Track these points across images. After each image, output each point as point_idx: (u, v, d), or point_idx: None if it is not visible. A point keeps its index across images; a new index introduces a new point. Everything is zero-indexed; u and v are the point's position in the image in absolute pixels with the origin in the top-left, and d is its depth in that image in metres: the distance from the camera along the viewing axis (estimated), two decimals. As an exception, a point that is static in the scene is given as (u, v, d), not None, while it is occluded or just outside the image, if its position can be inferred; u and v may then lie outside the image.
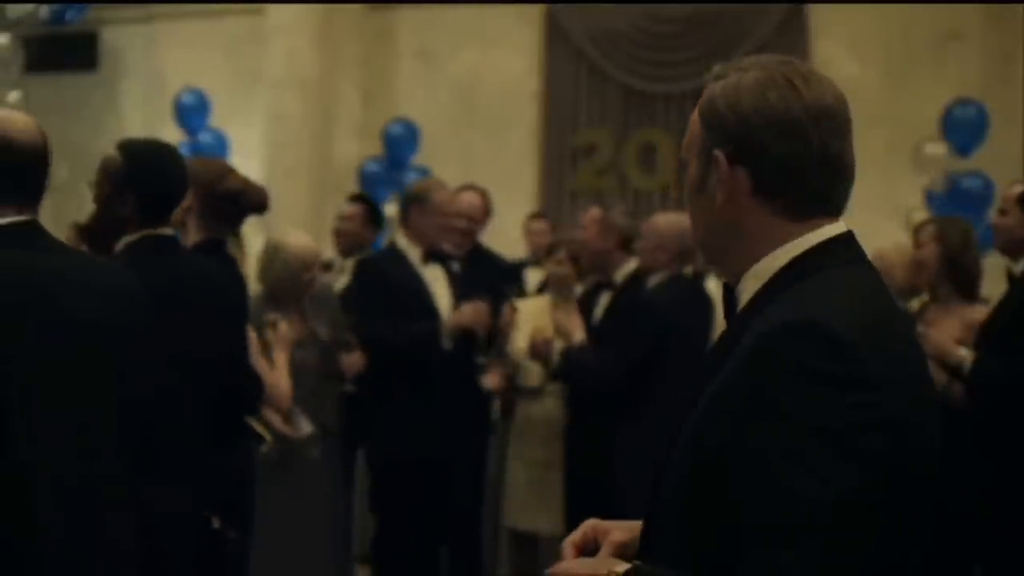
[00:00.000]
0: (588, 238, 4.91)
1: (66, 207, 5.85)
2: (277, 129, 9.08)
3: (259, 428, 3.67)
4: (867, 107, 8.34)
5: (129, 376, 2.37)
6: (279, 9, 9.06)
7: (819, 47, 8.81)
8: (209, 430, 2.97)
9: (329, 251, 6.10)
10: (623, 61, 9.21)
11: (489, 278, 5.20)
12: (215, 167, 3.49)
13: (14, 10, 8.61)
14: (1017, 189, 4.00)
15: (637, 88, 9.23)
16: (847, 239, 1.55)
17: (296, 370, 4.40)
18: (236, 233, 4.32)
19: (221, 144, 9.46)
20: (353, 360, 4.69)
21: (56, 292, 2.28)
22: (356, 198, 6.24)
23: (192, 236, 3.40)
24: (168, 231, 2.99)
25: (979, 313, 4.06)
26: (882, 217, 7.78)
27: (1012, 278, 4.01)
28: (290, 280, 4.43)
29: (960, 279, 4.16)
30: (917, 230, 4.54)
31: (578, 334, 4.78)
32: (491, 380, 5.11)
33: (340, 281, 5.50)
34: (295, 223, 6.68)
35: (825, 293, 1.47)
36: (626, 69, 9.21)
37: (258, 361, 4.14)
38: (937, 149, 7.67)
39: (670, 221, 4.91)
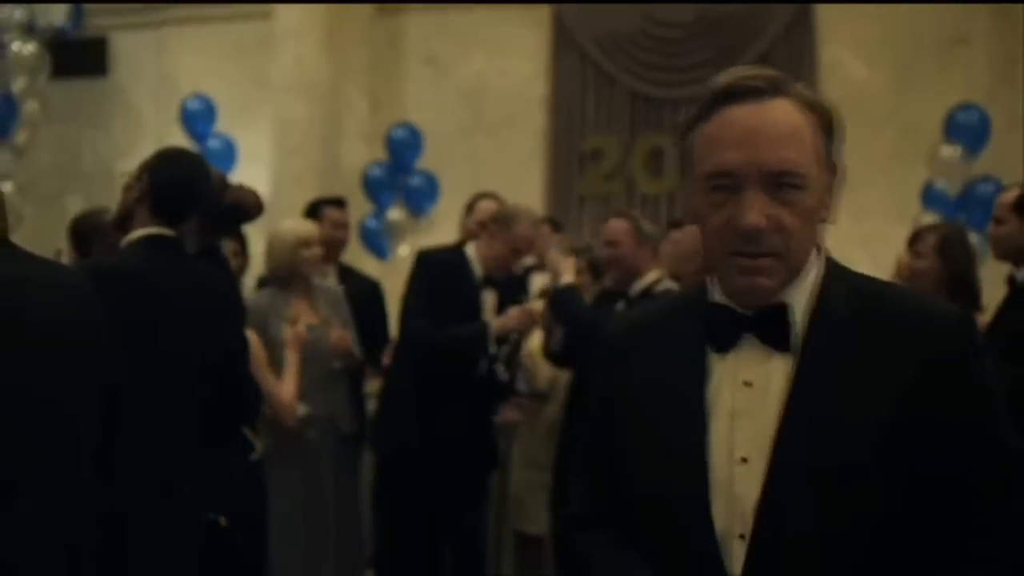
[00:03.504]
0: (626, 252, 4.60)
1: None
2: (285, 134, 9.08)
3: (249, 435, 3.68)
4: (874, 111, 8.36)
5: (100, 376, 2.36)
6: (287, 15, 9.08)
7: (826, 51, 8.81)
8: (209, 433, 2.99)
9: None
10: (630, 66, 9.21)
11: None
12: (215, 176, 3.50)
13: (45, 16, 8.65)
14: (1011, 195, 3.91)
15: (644, 93, 9.23)
16: None
17: (306, 360, 4.41)
18: (241, 238, 4.37)
19: (229, 149, 9.47)
20: (341, 336, 4.65)
21: (21, 297, 2.26)
22: (339, 201, 6.15)
23: (191, 244, 3.42)
24: (170, 232, 3.02)
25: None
26: (890, 222, 7.77)
27: (1015, 284, 3.90)
28: (290, 256, 4.46)
29: (962, 293, 4.08)
30: (913, 238, 4.36)
31: (567, 275, 4.65)
32: (509, 415, 5.09)
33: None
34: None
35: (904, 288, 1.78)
36: (633, 74, 9.21)
37: (263, 372, 4.16)
38: (950, 152, 7.63)
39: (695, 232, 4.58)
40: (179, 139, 9.40)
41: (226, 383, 3.06)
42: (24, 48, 8.04)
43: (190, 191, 3.04)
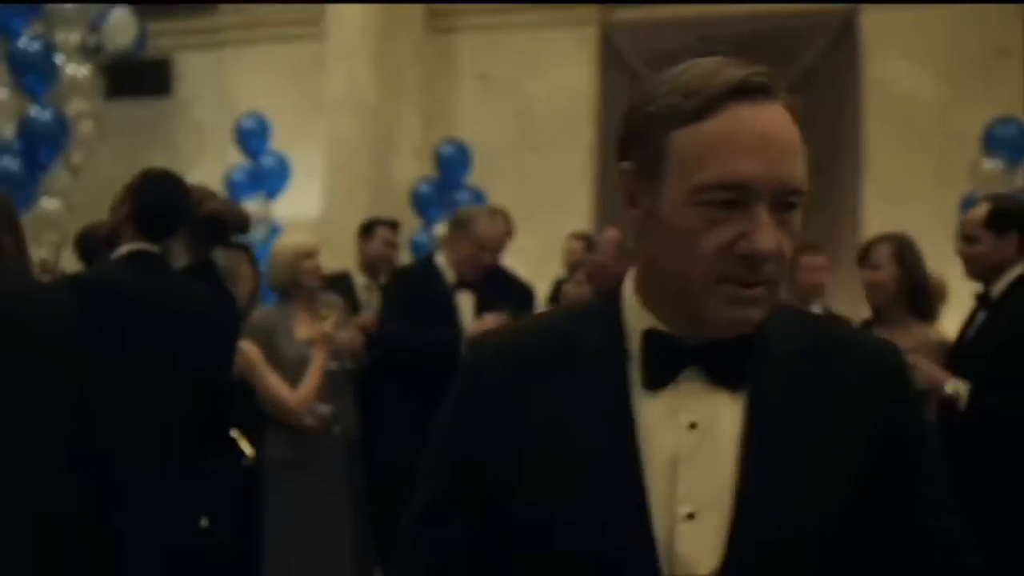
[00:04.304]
0: (607, 262, 4.80)
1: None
2: (337, 152, 9.26)
3: (242, 443, 3.80)
4: (922, 125, 8.31)
5: (80, 380, 2.50)
6: (339, 34, 9.26)
7: (873, 67, 8.77)
8: (192, 440, 3.13)
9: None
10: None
11: (502, 299, 5.25)
12: (194, 192, 3.64)
13: (112, 40, 8.95)
14: (981, 212, 3.82)
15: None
16: None
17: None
18: (248, 249, 4.50)
19: (283, 166, 9.68)
20: (351, 337, 4.74)
21: (15, 311, 2.41)
22: (392, 223, 6.43)
23: (180, 259, 3.56)
24: (154, 248, 3.18)
25: (934, 333, 3.95)
26: (933, 236, 7.69)
27: (989, 301, 3.82)
28: (290, 270, 4.56)
29: (919, 301, 4.05)
30: (865, 252, 4.28)
31: None
32: None
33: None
34: (353, 245, 6.73)
35: None
36: (679, 90, 9.25)
37: (265, 376, 4.27)
38: (991, 166, 7.57)
39: None
40: (236, 157, 9.66)
41: (209, 392, 3.20)
42: (78, 71, 8.32)
43: (170, 210, 3.22)
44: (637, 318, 1.41)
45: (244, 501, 3.77)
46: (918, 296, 4.08)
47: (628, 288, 1.44)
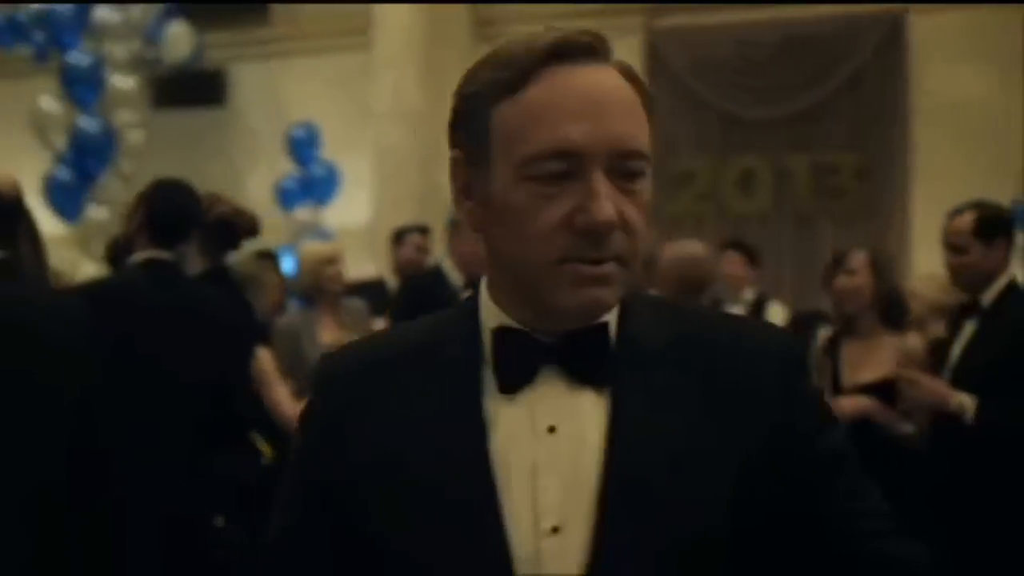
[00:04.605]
0: None
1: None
2: (385, 160, 9.36)
3: (260, 444, 3.85)
4: (971, 129, 8.20)
5: (84, 380, 2.56)
6: (386, 43, 9.35)
7: (922, 71, 8.67)
8: (199, 442, 3.19)
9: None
10: (721, 89, 9.23)
11: None
12: (204, 198, 3.71)
13: (171, 53, 9.12)
14: (967, 221, 3.64)
15: (735, 115, 9.24)
16: None
17: None
18: (273, 256, 4.57)
19: (332, 175, 9.79)
20: None
21: (23, 315, 2.49)
22: (423, 229, 6.57)
23: (194, 265, 3.62)
24: (168, 255, 3.25)
25: (912, 342, 3.89)
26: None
27: (979, 311, 3.68)
28: (312, 276, 4.64)
29: (891, 311, 4.01)
30: (839, 259, 4.18)
31: None
32: None
33: None
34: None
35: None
36: (724, 96, 9.23)
37: (270, 385, 4.31)
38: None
39: (673, 251, 4.38)
40: (287, 165, 9.78)
41: (220, 395, 3.26)
42: (125, 82, 8.49)
43: (182, 217, 3.30)
44: (490, 317, 1.27)
45: (259, 501, 3.81)
46: (891, 307, 4.03)
47: (483, 286, 1.31)
